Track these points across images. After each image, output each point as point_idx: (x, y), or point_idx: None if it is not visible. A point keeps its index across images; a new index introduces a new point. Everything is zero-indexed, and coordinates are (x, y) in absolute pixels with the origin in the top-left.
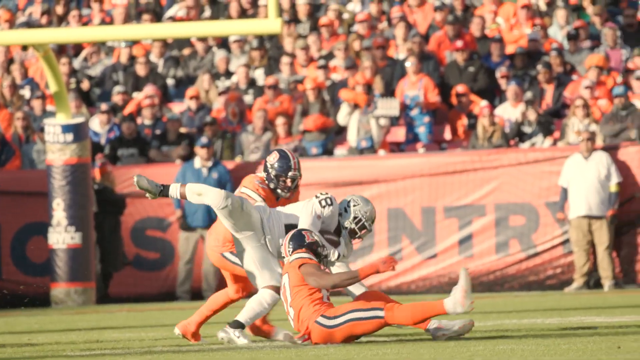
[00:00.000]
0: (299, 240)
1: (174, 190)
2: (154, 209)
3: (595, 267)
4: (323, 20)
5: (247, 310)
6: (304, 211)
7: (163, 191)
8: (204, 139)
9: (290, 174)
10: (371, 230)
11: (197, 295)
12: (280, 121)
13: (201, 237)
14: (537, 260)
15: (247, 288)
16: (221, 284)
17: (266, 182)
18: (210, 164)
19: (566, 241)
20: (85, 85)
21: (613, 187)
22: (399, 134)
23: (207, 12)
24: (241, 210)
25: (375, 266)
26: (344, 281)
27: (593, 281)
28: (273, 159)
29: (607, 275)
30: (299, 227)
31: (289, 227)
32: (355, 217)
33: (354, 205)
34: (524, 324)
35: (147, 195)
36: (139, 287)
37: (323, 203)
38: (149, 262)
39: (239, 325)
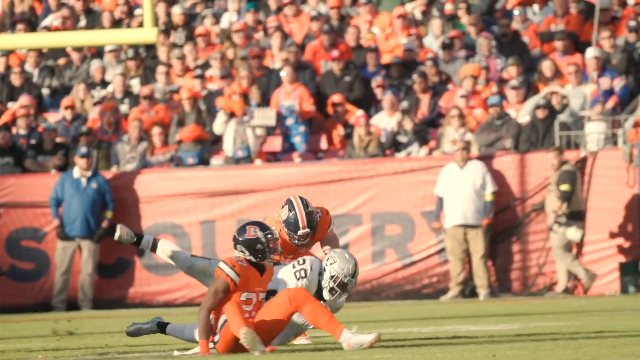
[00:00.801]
0: (238, 235)
1: (147, 243)
2: (29, 219)
3: (470, 276)
4: (199, 29)
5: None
6: (283, 282)
7: (136, 242)
8: (83, 149)
9: (299, 232)
10: (353, 285)
11: (73, 305)
12: (156, 131)
13: (78, 246)
14: (413, 269)
15: None
16: (98, 293)
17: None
18: (89, 173)
19: (442, 250)
20: None
21: (488, 196)
22: (275, 143)
23: (83, 22)
24: (207, 276)
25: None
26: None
27: (468, 290)
28: (284, 214)
29: (483, 284)
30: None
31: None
32: (332, 276)
33: (331, 264)
34: (400, 333)
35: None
36: (14, 297)
37: (297, 275)
38: (24, 273)
39: None
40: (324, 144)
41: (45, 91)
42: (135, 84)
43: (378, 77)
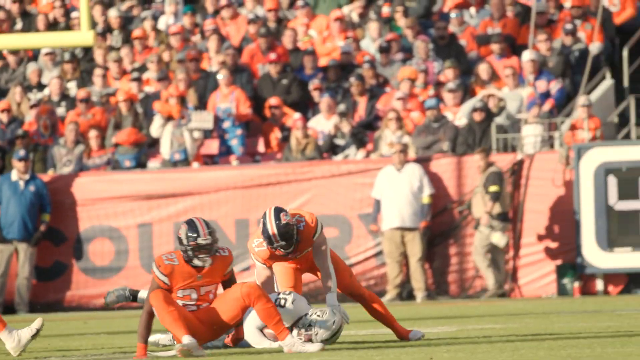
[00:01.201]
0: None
1: (144, 294)
2: None
3: (408, 279)
4: (136, 32)
5: None
6: None
7: (134, 297)
8: (21, 152)
9: (274, 245)
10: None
11: (9, 309)
12: (93, 134)
13: (16, 249)
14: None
15: None
16: (35, 297)
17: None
18: (27, 176)
19: (379, 253)
20: None
21: (425, 198)
22: (212, 146)
23: (19, 25)
24: None
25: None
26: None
27: (406, 292)
28: (260, 226)
29: (420, 287)
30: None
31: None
32: (310, 325)
33: (317, 315)
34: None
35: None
36: None
37: (276, 302)
38: None
39: None
40: (261, 147)
41: None
42: (72, 87)
43: (315, 80)
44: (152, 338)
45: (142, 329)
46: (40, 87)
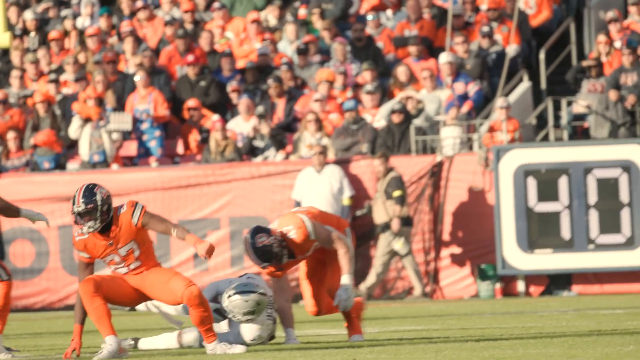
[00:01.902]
0: None
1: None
2: None
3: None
4: (53, 34)
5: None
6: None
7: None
8: None
9: (262, 266)
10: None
11: None
12: (11, 135)
13: None
14: None
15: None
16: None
17: None
18: None
19: None
20: None
21: (346, 200)
22: (131, 148)
23: None
24: None
25: (194, 243)
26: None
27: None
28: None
29: None
30: None
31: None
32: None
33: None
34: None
35: None
36: None
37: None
38: None
39: None
40: (180, 148)
41: None
42: None
43: (233, 82)
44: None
45: (78, 311)
46: None
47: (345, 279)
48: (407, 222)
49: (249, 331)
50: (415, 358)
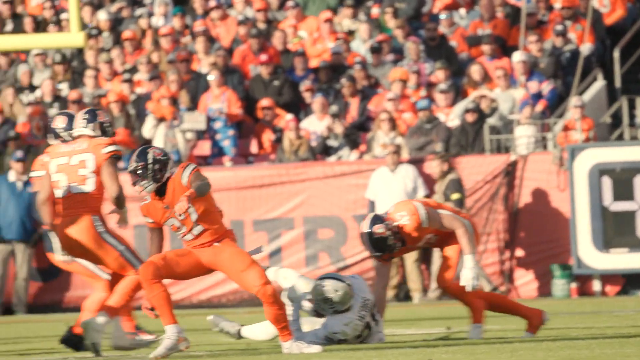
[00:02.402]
0: None
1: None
2: None
3: (404, 280)
4: (126, 34)
5: None
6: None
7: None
8: (19, 153)
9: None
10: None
11: (7, 310)
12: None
13: (13, 250)
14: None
15: None
16: (32, 298)
17: None
18: (25, 177)
19: None
20: None
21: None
22: (204, 147)
23: (9, 26)
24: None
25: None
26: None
27: (403, 293)
28: None
29: (416, 288)
30: None
31: None
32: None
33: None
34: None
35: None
36: None
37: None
38: None
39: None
40: (254, 148)
41: None
42: (63, 88)
43: (306, 81)
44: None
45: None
46: (32, 88)
47: (469, 259)
48: None
49: (333, 323)
50: (490, 358)
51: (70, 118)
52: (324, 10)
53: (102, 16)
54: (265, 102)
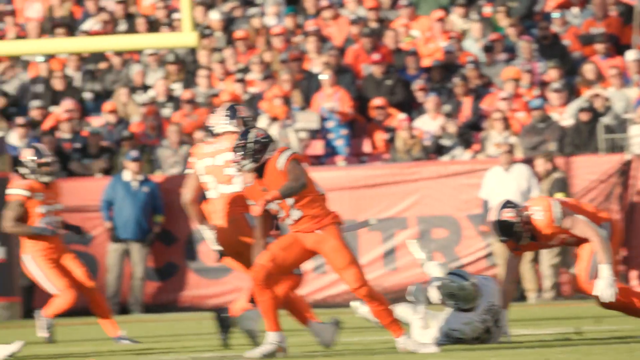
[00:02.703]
0: None
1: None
2: (76, 223)
3: (519, 280)
4: (239, 33)
5: None
6: None
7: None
8: (134, 153)
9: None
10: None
11: (123, 310)
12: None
13: (128, 250)
14: None
15: None
16: (148, 297)
17: None
18: (140, 177)
19: (490, 254)
20: (1, 101)
21: None
22: (317, 147)
23: (122, 26)
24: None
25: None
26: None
27: (518, 293)
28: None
29: (532, 288)
30: None
31: None
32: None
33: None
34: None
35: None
36: None
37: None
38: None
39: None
40: (367, 147)
41: (87, 95)
42: (177, 88)
43: (419, 81)
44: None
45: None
46: (145, 88)
47: (603, 269)
48: None
49: (453, 320)
50: (608, 359)
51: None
52: (436, 10)
53: (215, 16)
54: (377, 101)
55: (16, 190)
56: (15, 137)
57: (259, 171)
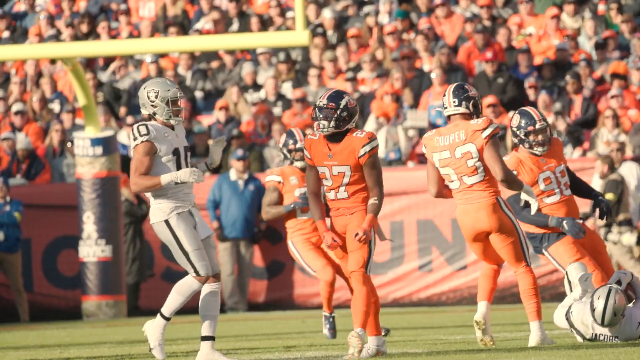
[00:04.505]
0: None
1: None
2: None
3: None
4: (351, 31)
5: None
6: None
7: None
8: (239, 152)
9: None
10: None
11: (253, 306)
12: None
13: (236, 248)
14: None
15: None
16: (252, 296)
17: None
18: (246, 176)
19: None
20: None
21: None
22: None
23: (235, 25)
24: None
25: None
26: None
27: None
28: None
29: None
30: None
31: None
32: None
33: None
34: (554, 334)
35: None
36: None
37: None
38: (180, 275)
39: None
40: None
41: (198, 94)
42: (287, 87)
43: (531, 78)
44: None
45: (315, 210)
46: (256, 87)
47: None
48: (628, 223)
49: (637, 313)
50: None
51: (446, 92)
52: (550, 7)
53: (327, 14)
54: (489, 99)
55: (271, 177)
56: (124, 136)
57: (333, 135)
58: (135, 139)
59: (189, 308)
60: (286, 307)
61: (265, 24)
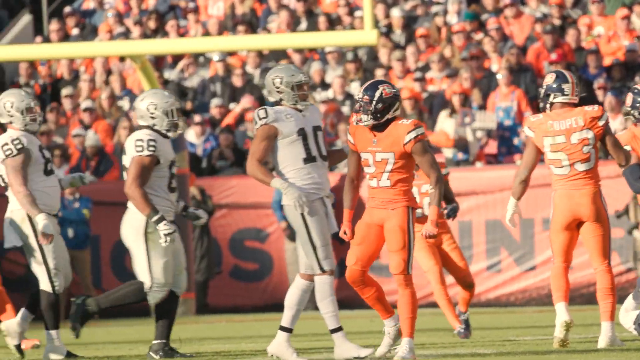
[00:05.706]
0: None
1: None
2: (252, 219)
3: None
4: (420, 31)
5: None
6: None
7: None
8: None
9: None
10: None
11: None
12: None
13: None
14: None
15: None
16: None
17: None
18: None
19: None
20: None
21: None
22: (493, 145)
23: (303, 24)
24: None
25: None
26: None
27: None
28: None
29: None
30: None
31: None
32: None
33: None
34: (624, 336)
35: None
36: (238, 298)
37: None
38: (248, 273)
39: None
40: None
41: (266, 92)
42: (355, 87)
43: (600, 79)
44: None
45: (347, 196)
46: (324, 85)
47: None
48: None
49: None
50: None
51: (560, 77)
52: (621, 8)
53: (396, 13)
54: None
55: None
56: (192, 135)
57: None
58: (255, 122)
59: (248, 307)
60: (354, 307)
61: (333, 23)
